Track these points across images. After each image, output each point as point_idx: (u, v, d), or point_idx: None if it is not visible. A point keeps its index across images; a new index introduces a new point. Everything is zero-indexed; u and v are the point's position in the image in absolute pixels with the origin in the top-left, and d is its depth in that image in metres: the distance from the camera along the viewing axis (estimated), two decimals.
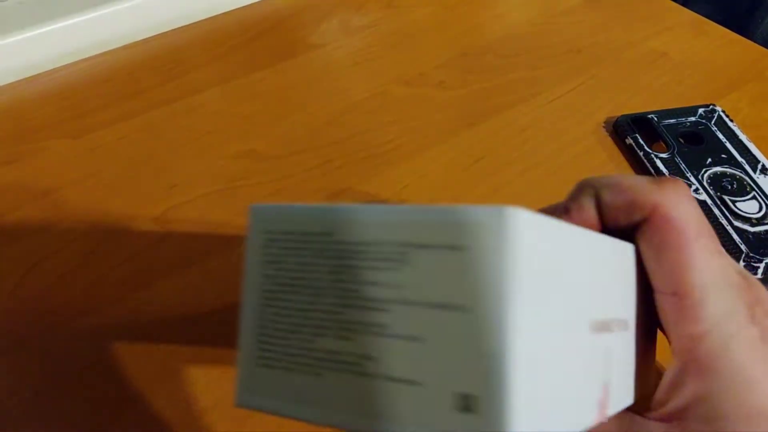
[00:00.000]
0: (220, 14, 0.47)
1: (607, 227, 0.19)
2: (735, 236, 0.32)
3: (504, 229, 0.14)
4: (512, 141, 0.39)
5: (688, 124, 0.39)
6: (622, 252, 0.19)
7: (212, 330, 0.29)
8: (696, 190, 0.34)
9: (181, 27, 0.46)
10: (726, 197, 0.34)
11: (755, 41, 0.48)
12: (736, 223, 0.33)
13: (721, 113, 0.39)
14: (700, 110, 0.39)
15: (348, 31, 0.47)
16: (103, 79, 0.41)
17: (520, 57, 0.45)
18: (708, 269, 0.17)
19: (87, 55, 0.43)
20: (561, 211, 0.19)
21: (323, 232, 0.17)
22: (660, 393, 0.19)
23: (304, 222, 0.18)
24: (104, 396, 0.26)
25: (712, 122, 0.39)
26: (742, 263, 0.31)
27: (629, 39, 0.47)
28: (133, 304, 0.29)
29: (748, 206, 0.34)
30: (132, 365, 0.27)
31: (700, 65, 0.45)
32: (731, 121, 0.39)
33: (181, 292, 0.30)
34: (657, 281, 0.18)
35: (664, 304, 0.18)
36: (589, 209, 0.19)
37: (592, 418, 0.17)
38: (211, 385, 0.27)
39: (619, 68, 0.45)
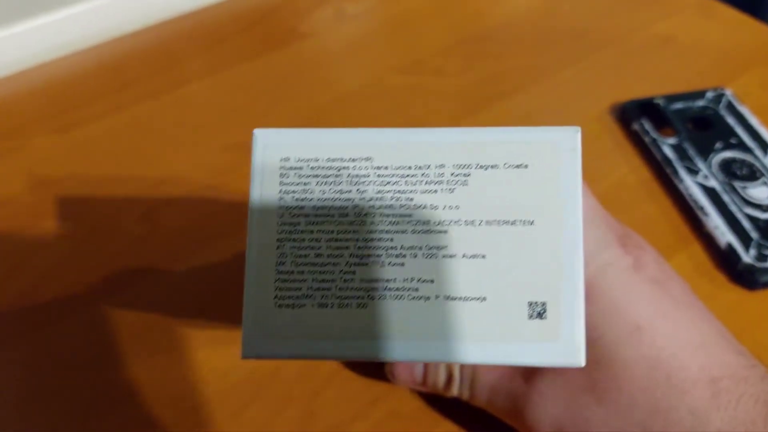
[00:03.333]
0: (211, 5, 0.46)
1: None
2: (745, 223, 0.30)
3: (574, 146, 0.16)
4: None
5: (697, 108, 0.37)
6: None
7: (204, 324, 0.28)
8: (705, 177, 0.33)
9: (169, 19, 0.45)
10: (736, 183, 0.32)
11: (766, 21, 0.46)
12: (747, 210, 0.31)
13: (731, 97, 0.38)
14: (709, 94, 0.38)
15: (342, 18, 0.45)
16: (90, 74, 0.41)
17: (521, 43, 0.44)
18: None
19: (73, 50, 0.42)
20: None
21: (360, 157, 0.16)
22: None
23: (333, 148, 0.17)
24: (95, 393, 0.25)
25: (721, 106, 0.37)
26: (753, 251, 0.29)
27: (635, 22, 0.46)
28: (122, 300, 0.29)
29: (759, 192, 0.32)
30: (122, 361, 0.26)
31: (709, 48, 0.43)
32: (741, 104, 0.37)
33: (170, 286, 0.29)
34: None
35: None
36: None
37: None
38: (204, 380, 0.26)
39: (624, 53, 0.43)
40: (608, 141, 0.37)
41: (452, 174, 0.16)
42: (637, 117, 0.37)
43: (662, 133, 0.36)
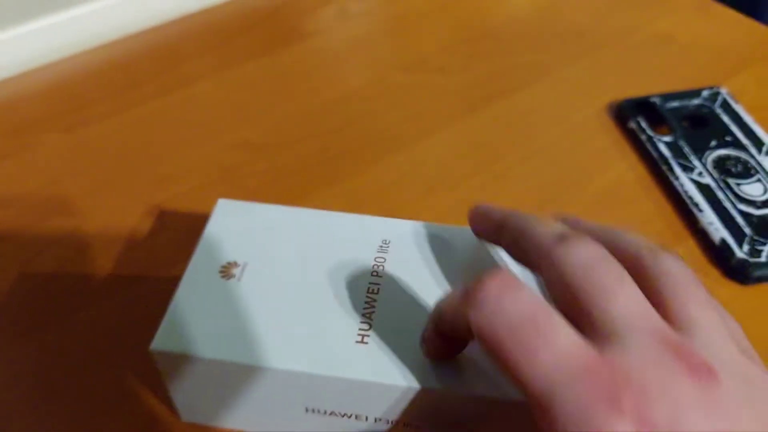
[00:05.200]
0: (216, 5, 0.47)
1: None
2: (739, 219, 0.31)
3: None
4: (514, 127, 0.38)
5: (692, 106, 0.38)
6: None
7: None
8: (700, 174, 0.34)
9: (175, 19, 0.45)
10: (730, 180, 0.33)
11: (764, 22, 0.47)
12: (741, 206, 0.32)
13: (726, 95, 0.38)
14: (705, 93, 0.39)
15: (345, 17, 0.46)
16: (97, 73, 0.41)
17: (521, 41, 0.44)
18: (540, 367, 0.15)
19: (79, 50, 0.43)
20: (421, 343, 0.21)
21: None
22: None
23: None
24: (102, 390, 0.26)
25: (717, 104, 0.38)
26: (746, 246, 0.30)
27: (634, 21, 0.46)
28: (129, 297, 0.29)
29: (753, 189, 0.33)
30: (128, 359, 0.27)
31: (707, 47, 0.44)
32: (736, 102, 0.38)
33: (176, 283, 0.30)
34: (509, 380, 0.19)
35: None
36: (435, 340, 0.20)
37: None
38: None
39: (623, 51, 0.44)
40: (605, 139, 0.38)
41: None
42: (634, 115, 0.37)
43: (658, 131, 0.37)
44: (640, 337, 0.15)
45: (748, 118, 0.37)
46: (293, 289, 0.22)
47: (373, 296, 0.22)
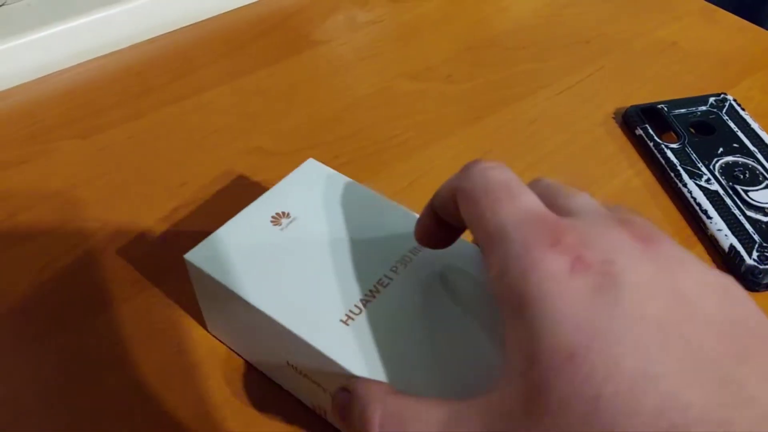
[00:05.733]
0: (226, 12, 0.47)
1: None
2: (748, 226, 0.32)
3: None
4: (520, 134, 0.39)
5: (699, 113, 0.38)
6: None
7: None
8: (707, 180, 0.34)
9: (188, 26, 0.46)
10: (738, 187, 0.34)
11: (766, 28, 0.47)
12: (749, 213, 0.32)
13: (733, 102, 0.39)
14: (711, 99, 0.39)
15: (353, 26, 0.46)
16: (112, 79, 0.42)
17: (526, 49, 0.45)
18: (501, 213, 0.17)
19: (95, 56, 0.43)
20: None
21: None
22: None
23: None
24: (117, 391, 0.26)
25: (724, 111, 0.38)
26: (755, 253, 0.30)
27: (638, 29, 0.47)
28: (146, 301, 0.29)
29: (761, 195, 0.33)
30: (145, 361, 0.27)
31: (711, 54, 0.45)
32: (743, 109, 0.38)
33: (192, 288, 0.30)
34: (475, 239, 0.19)
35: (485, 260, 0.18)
36: (426, 218, 0.22)
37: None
38: (222, 381, 0.27)
39: (628, 59, 0.44)
40: (612, 145, 0.38)
41: None
42: (641, 122, 0.38)
43: (665, 138, 0.37)
44: (592, 214, 0.18)
45: (755, 125, 0.37)
46: (317, 252, 0.24)
47: (379, 288, 0.23)
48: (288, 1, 0.48)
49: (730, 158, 0.35)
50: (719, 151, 0.36)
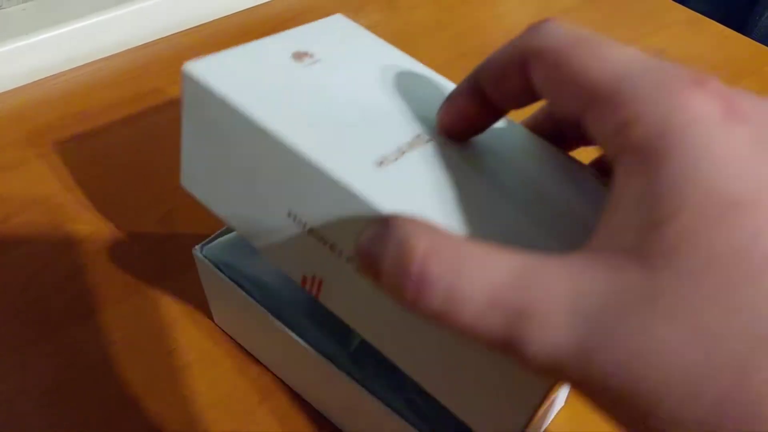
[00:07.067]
0: (222, 18, 0.47)
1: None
2: None
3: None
4: None
5: None
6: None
7: (216, 329, 0.29)
8: None
9: (183, 31, 0.46)
10: None
11: (753, 38, 0.49)
12: None
13: None
14: None
15: None
16: (106, 84, 0.42)
17: None
18: (614, 58, 0.14)
19: (89, 60, 0.43)
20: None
21: None
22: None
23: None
24: (110, 394, 0.26)
25: None
26: None
27: (627, 37, 0.48)
28: (138, 304, 0.29)
29: None
30: (136, 364, 0.27)
31: (698, 62, 0.45)
32: None
33: (185, 291, 0.30)
34: (562, 107, 0.15)
35: (586, 121, 0.14)
36: (463, 97, 0.18)
37: None
38: (212, 383, 0.27)
39: None
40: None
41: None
42: None
43: None
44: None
45: None
46: (346, 94, 0.20)
47: (418, 142, 0.19)
48: (282, 7, 0.49)
49: None
50: None
